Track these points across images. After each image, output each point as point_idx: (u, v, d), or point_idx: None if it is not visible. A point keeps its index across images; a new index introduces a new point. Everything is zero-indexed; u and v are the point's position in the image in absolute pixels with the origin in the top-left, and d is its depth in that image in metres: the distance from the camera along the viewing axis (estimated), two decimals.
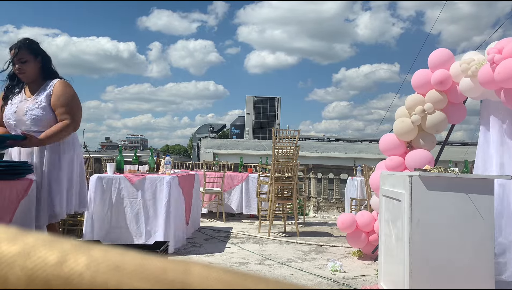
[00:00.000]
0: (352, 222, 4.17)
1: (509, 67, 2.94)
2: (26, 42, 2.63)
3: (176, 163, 8.50)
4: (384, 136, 4.14)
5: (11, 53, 2.59)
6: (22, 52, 2.59)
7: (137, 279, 0.25)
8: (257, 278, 0.26)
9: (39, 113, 2.56)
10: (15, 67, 2.59)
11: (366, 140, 26.65)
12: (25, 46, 2.60)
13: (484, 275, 2.48)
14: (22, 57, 2.59)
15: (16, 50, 2.58)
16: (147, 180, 4.00)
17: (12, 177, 2.06)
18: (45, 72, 2.67)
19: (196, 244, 4.65)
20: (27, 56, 2.60)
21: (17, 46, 2.60)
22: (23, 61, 2.59)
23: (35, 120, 2.56)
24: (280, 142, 5.38)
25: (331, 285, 3.25)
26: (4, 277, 0.25)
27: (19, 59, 2.58)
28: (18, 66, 2.59)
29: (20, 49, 2.58)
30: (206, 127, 29.61)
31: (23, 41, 2.63)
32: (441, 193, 2.50)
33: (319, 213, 8.32)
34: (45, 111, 2.58)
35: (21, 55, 2.59)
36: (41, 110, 2.57)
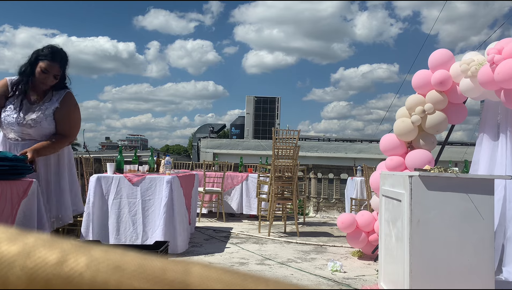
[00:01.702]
0: (352, 222, 4.17)
1: (509, 68, 2.94)
2: (65, 59, 2.58)
3: (176, 163, 8.49)
4: (384, 136, 4.15)
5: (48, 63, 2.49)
6: (59, 68, 2.54)
7: (137, 279, 0.25)
8: (257, 278, 0.27)
9: (45, 126, 2.55)
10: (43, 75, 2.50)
11: (366, 140, 26.65)
12: (64, 63, 2.57)
13: (484, 275, 2.48)
14: (57, 73, 2.55)
15: (57, 65, 2.53)
16: (147, 180, 4.00)
17: (12, 177, 2.06)
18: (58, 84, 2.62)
19: (196, 244, 4.65)
20: (60, 73, 2.57)
21: (58, 60, 2.53)
22: (56, 77, 2.55)
23: (39, 130, 2.54)
24: (280, 142, 5.38)
25: (331, 285, 3.25)
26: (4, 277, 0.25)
27: (55, 74, 2.54)
28: (48, 79, 2.53)
29: (60, 65, 2.54)
30: (206, 127, 29.61)
31: (65, 58, 2.57)
32: (441, 193, 2.50)
33: (319, 213, 8.32)
34: (51, 123, 2.57)
35: (58, 71, 2.54)
36: (48, 123, 2.55)
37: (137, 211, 3.94)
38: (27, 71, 2.51)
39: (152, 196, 3.97)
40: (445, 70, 3.70)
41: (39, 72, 2.49)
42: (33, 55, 2.53)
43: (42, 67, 2.49)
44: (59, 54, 2.55)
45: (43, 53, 2.51)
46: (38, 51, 2.53)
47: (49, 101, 2.58)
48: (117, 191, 3.94)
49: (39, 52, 2.52)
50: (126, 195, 3.96)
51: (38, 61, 2.50)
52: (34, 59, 2.50)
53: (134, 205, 3.95)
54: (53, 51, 2.53)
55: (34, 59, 2.50)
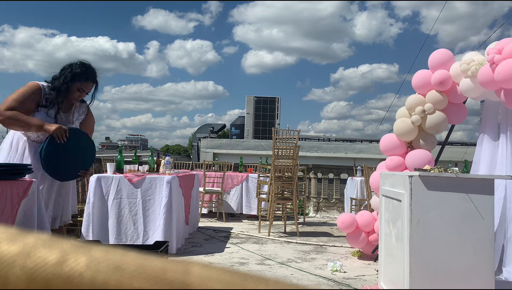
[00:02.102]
0: (352, 222, 4.17)
1: (509, 68, 2.94)
2: (96, 75, 2.68)
3: (176, 163, 8.50)
4: (384, 136, 4.15)
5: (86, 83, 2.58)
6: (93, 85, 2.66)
7: (137, 279, 0.25)
8: (257, 278, 0.27)
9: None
10: (78, 93, 2.59)
11: (366, 140, 26.64)
12: (97, 79, 2.67)
13: (484, 275, 2.48)
14: (90, 91, 2.66)
15: (94, 86, 2.64)
16: (147, 180, 4.00)
17: (12, 177, 2.06)
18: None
19: (196, 244, 4.65)
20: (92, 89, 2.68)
21: (95, 80, 2.63)
22: (88, 94, 2.67)
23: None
24: (280, 142, 5.38)
25: (331, 285, 3.25)
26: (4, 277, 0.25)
27: (89, 91, 2.66)
28: (83, 96, 2.64)
29: (95, 86, 2.66)
30: (206, 127, 29.61)
31: (96, 74, 2.66)
32: (441, 193, 2.50)
33: (319, 213, 8.32)
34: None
35: (91, 88, 2.65)
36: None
37: (138, 211, 3.94)
38: (63, 89, 2.55)
39: (152, 196, 3.97)
40: (445, 70, 3.70)
41: (75, 91, 2.58)
42: (68, 73, 2.56)
43: (80, 87, 2.58)
44: (95, 73, 2.65)
45: (79, 73, 2.56)
46: (73, 70, 2.57)
47: (77, 113, 2.73)
48: (117, 191, 3.94)
49: (74, 71, 2.56)
50: (126, 195, 3.96)
51: (75, 80, 2.55)
52: (71, 79, 2.55)
53: (135, 205, 3.95)
54: (88, 70, 2.61)
55: (71, 79, 2.55)
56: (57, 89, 2.55)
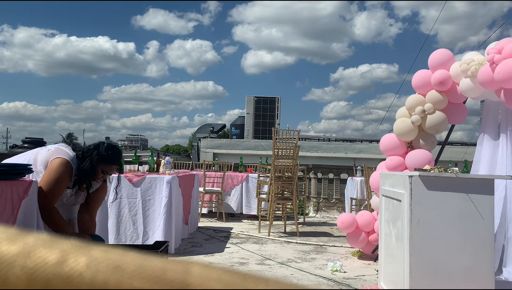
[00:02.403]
0: (352, 222, 4.17)
1: (509, 67, 2.94)
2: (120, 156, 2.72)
3: (176, 163, 8.50)
4: (384, 136, 4.15)
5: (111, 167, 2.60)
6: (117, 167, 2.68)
7: (137, 279, 0.25)
8: (257, 278, 0.27)
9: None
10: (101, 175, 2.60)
11: (366, 140, 26.64)
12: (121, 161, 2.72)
13: (484, 275, 2.48)
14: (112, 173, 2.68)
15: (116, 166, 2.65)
16: (147, 180, 4.00)
17: (13, 177, 2.06)
18: None
19: (196, 244, 4.65)
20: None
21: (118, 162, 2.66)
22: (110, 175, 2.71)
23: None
24: (280, 142, 5.38)
25: (331, 285, 3.25)
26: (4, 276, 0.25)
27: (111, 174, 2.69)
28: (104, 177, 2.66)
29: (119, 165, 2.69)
30: (206, 127, 29.60)
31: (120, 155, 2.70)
32: (441, 193, 2.50)
33: (319, 213, 8.32)
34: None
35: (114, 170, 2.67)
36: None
37: (138, 211, 3.94)
38: (88, 170, 2.54)
39: (152, 196, 3.97)
40: (445, 70, 3.70)
41: (100, 172, 2.58)
42: (95, 155, 2.53)
43: (105, 170, 2.59)
44: (119, 156, 2.66)
45: (105, 156, 2.55)
46: (100, 153, 2.54)
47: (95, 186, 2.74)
48: (117, 191, 3.94)
49: (101, 154, 2.54)
50: (126, 195, 3.96)
51: (100, 163, 2.54)
52: (96, 161, 2.53)
53: (135, 205, 3.95)
54: (114, 154, 2.61)
55: (96, 161, 2.53)
56: (84, 172, 2.54)
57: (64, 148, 2.54)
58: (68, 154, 2.51)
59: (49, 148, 2.58)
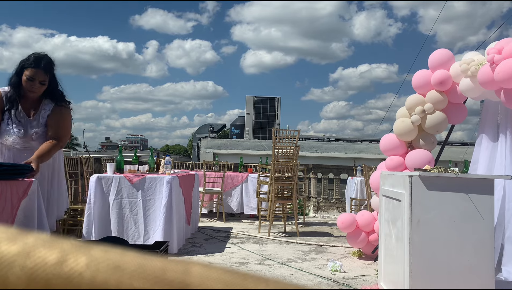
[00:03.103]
0: (352, 222, 4.17)
1: (509, 67, 2.94)
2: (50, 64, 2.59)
3: (176, 163, 8.49)
4: (384, 136, 4.15)
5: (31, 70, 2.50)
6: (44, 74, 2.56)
7: (137, 279, 0.25)
8: (257, 278, 0.27)
9: (41, 132, 2.60)
10: (29, 83, 2.51)
11: (366, 140, 26.65)
12: (48, 68, 2.57)
13: (484, 275, 2.48)
14: (43, 79, 2.56)
15: (42, 71, 2.54)
16: (147, 180, 4.00)
17: (13, 177, 2.06)
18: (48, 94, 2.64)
19: (196, 244, 4.65)
20: (46, 78, 2.58)
21: (41, 66, 2.53)
22: (43, 83, 2.57)
23: (41, 141, 2.58)
24: (280, 142, 5.38)
25: (331, 285, 3.25)
26: (4, 276, 0.25)
27: (41, 80, 2.55)
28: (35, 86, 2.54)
29: (45, 71, 2.55)
30: (206, 127, 29.61)
31: (48, 63, 2.58)
32: (441, 193, 2.50)
33: (319, 213, 8.32)
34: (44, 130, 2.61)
35: (43, 77, 2.55)
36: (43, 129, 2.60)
37: (138, 210, 3.95)
38: (15, 81, 2.53)
39: (153, 196, 3.97)
40: (445, 70, 3.70)
41: (25, 80, 2.52)
42: (19, 65, 2.54)
43: (27, 75, 2.51)
44: (42, 60, 2.55)
45: (27, 61, 2.53)
46: (23, 60, 2.55)
47: (43, 111, 2.62)
48: (117, 191, 3.94)
49: (23, 61, 2.54)
50: (127, 195, 3.96)
51: (23, 70, 2.52)
52: (20, 69, 2.52)
53: (135, 205, 3.95)
54: (35, 57, 2.55)
55: (20, 69, 2.52)
56: (12, 85, 2.53)
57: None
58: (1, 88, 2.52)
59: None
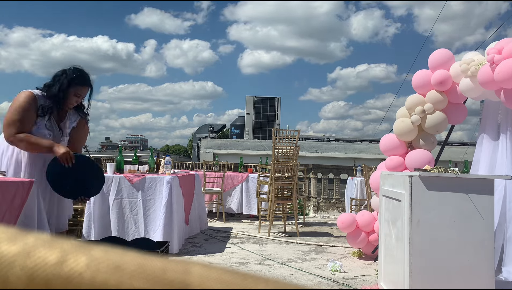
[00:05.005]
0: (352, 221, 4.17)
1: (509, 68, 2.94)
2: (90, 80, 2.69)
3: (176, 163, 8.49)
4: (384, 137, 4.15)
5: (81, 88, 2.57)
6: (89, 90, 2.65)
7: (137, 279, 0.25)
8: (257, 278, 0.27)
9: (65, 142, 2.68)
10: (75, 98, 2.58)
11: (366, 140, 26.65)
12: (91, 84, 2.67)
13: (484, 275, 2.48)
14: (85, 95, 2.65)
15: (90, 90, 2.63)
16: (147, 180, 4.00)
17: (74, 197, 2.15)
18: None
19: (196, 244, 4.65)
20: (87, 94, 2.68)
21: (89, 83, 2.62)
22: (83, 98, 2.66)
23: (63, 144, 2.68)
24: (280, 142, 5.38)
25: (331, 285, 3.25)
26: (4, 276, 0.25)
27: (83, 98, 2.65)
28: (79, 101, 2.63)
29: (90, 87, 2.64)
30: (206, 127, 29.61)
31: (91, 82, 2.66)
32: (441, 193, 2.50)
33: (319, 213, 8.32)
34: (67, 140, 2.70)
35: (86, 93, 2.64)
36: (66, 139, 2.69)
37: (139, 210, 3.95)
38: (60, 96, 2.52)
39: (153, 196, 3.98)
40: (445, 70, 3.70)
41: (72, 97, 2.56)
42: (64, 79, 2.52)
43: (76, 92, 2.56)
44: (88, 77, 2.63)
45: (74, 78, 2.54)
46: (68, 76, 2.54)
47: (69, 121, 2.69)
48: (117, 191, 3.95)
49: (70, 77, 2.54)
50: (127, 195, 3.96)
51: (71, 86, 2.53)
52: (67, 85, 2.52)
53: (135, 205, 3.95)
54: (84, 74, 2.61)
55: (67, 85, 2.52)
56: (54, 97, 2.52)
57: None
58: (32, 90, 2.52)
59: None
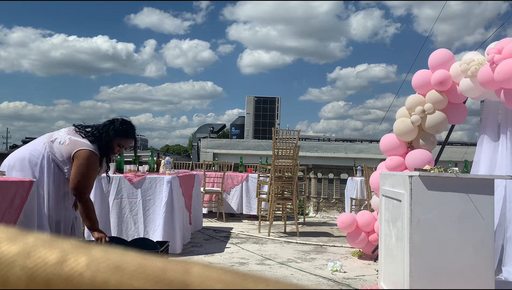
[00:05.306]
0: (352, 221, 4.17)
1: (509, 67, 2.94)
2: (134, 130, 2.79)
3: (176, 163, 8.49)
4: (384, 136, 4.15)
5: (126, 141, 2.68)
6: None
7: (137, 279, 0.25)
8: (257, 278, 0.27)
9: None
10: (118, 149, 2.68)
11: (366, 140, 26.64)
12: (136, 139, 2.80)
13: (484, 275, 2.48)
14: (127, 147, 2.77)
15: (132, 139, 2.73)
16: (147, 180, 4.00)
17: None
18: None
19: (196, 244, 4.65)
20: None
21: (134, 135, 2.73)
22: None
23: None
24: (280, 142, 5.38)
25: (331, 285, 3.25)
26: (4, 276, 0.25)
27: (126, 148, 2.78)
28: (120, 151, 2.74)
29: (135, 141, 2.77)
30: (206, 127, 29.60)
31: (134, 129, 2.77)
32: (441, 193, 2.50)
33: (319, 213, 8.32)
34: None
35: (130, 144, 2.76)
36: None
37: (138, 210, 3.95)
38: (107, 148, 2.61)
39: (153, 196, 3.97)
40: (445, 70, 3.70)
41: (116, 147, 2.67)
42: (111, 130, 2.60)
43: (121, 144, 2.68)
44: (134, 130, 2.74)
45: (121, 130, 2.63)
46: (116, 127, 2.62)
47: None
48: (117, 191, 3.94)
49: (117, 128, 2.62)
50: (127, 195, 3.96)
51: (116, 138, 2.62)
52: (114, 135, 2.60)
53: (135, 205, 3.95)
54: (130, 128, 2.70)
55: (114, 135, 2.60)
56: (102, 149, 2.59)
57: (76, 138, 2.55)
58: (87, 144, 2.54)
59: (60, 140, 2.56)
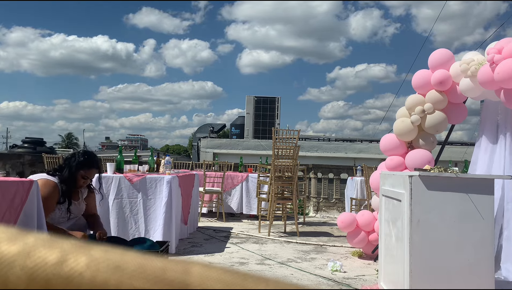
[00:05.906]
0: (352, 221, 4.17)
1: (509, 67, 2.94)
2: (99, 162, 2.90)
3: (176, 163, 8.50)
4: (384, 136, 4.15)
5: (88, 171, 2.76)
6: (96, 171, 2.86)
7: (137, 279, 0.25)
8: (257, 278, 0.27)
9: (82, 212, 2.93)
10: (82, 180, 2.76)
11: (366, 140, 26.64)
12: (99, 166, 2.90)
13: (484, 275, 2.48)
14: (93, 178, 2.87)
15: (96, 170, 2.82)
16: (147, 180, 4.00)
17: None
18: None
19: (196, 244, 4.65)
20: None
21: (96, 166, 2.82)
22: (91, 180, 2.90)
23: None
24: (280, 142, 5.38)
25: (331, 285, 3.25)
26: (4, 276, 0.25)
27: (91, 180, 2.87)
28: (87, 182, 2.83)
29: (98, 169, 2.86)
30: (206, 127, 29.59)
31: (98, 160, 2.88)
32: (441, 193, 2.50)
33: (319, 213, 8.32)
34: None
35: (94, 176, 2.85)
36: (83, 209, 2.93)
37: (139, 210, 3.95)
38: (69, 180, 2.72)
39: (153, 196, 3.98)
40: (445, 70, 3.70)
41: (80, 179, 2.75)
42: (73, 162, 2.73)
43: (83, 175, 2.75)
44: (96, 160, 2.83)
45: (82, 161, 2.74)
46: (77, 159, 2.74)
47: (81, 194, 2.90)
48: (117, 191, 3.94)
49: (78, 160, 2.74)
50: (127, 195, 3.96)
51: (79, 169, 2.73)
52: (75, 168, 2.72)
53: (136, 204, 3.95)
54: (91, 158, 2.81)
55: (75, 168, 2.72)
56: (65, 181, 2.70)
57: (42, 174, 2.73)
58: (44, 175, 2.70)
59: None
